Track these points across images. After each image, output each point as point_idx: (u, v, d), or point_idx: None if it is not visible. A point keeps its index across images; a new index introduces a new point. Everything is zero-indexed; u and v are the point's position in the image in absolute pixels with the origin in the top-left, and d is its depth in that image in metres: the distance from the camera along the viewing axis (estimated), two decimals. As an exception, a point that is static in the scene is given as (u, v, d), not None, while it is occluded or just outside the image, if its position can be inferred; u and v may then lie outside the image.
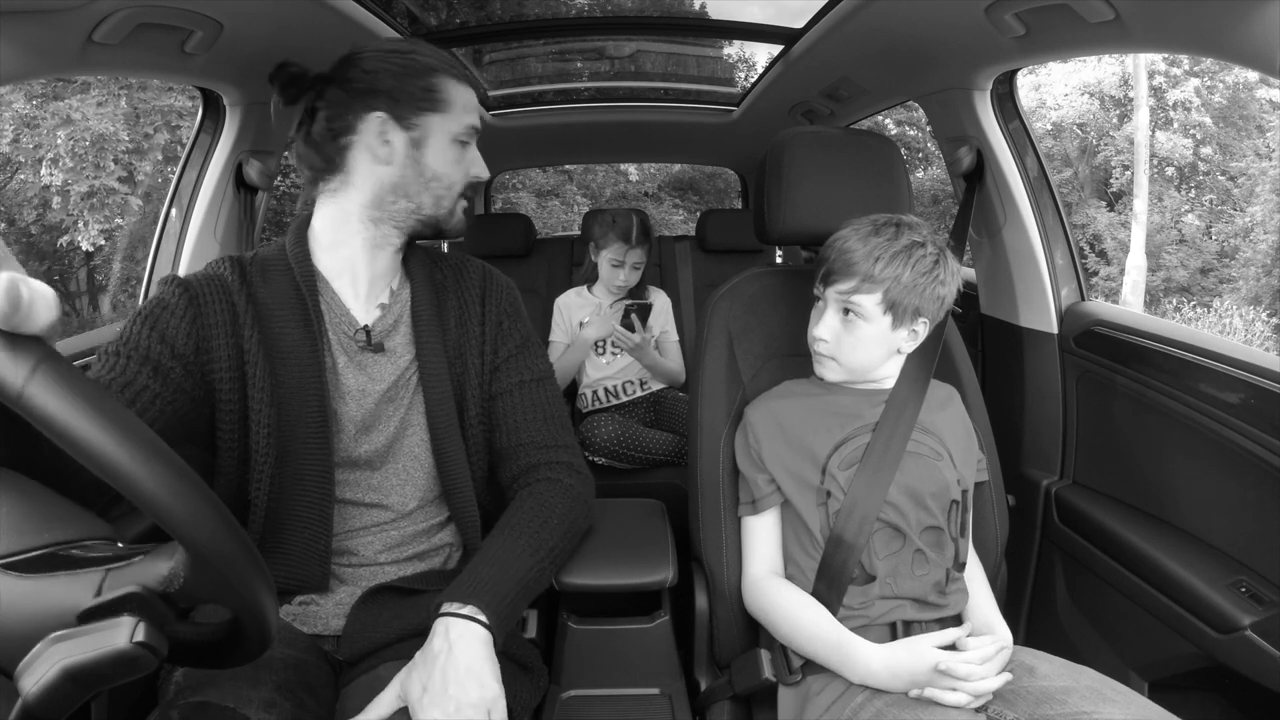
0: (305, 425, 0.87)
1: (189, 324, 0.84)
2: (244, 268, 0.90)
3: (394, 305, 0.94)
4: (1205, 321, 10.21)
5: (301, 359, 0.87)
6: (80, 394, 0.45)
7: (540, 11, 9.71)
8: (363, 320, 0.92)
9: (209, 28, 1.03)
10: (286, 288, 0.89)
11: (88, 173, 7.82)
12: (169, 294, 0.85)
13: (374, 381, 0.91)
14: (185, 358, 0.83)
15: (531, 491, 0.92)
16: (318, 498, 0.89)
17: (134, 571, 0.50)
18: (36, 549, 0.50)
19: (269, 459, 0.86)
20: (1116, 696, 0.77)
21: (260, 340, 0.86)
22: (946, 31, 1.22)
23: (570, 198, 12.19)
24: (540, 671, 0.97)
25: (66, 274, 9.75)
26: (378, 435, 0.92)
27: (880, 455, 0.91)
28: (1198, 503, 1.10)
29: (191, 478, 0.49)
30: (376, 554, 0.93)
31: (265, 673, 0.79)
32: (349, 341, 0.91)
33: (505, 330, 0.98)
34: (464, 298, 0.98)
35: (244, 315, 0.86)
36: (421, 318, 0.93)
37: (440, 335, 0.93)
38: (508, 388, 0.96)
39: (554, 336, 2.07)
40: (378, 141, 0.86)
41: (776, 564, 0.96)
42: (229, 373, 0.85)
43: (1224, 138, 11.67)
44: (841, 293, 0.93)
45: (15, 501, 0.53)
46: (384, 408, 0.92)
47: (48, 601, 0.48)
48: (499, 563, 0.82)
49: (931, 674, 0.80)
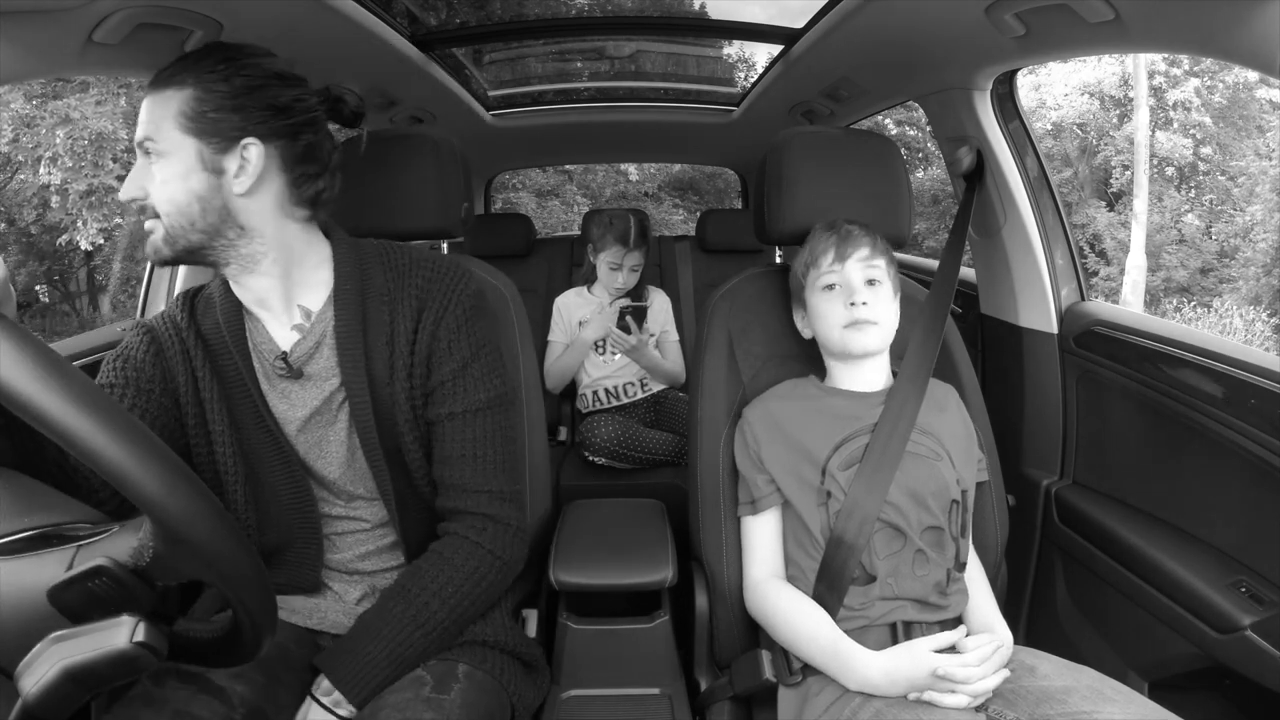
0: (263, 447, 0.89)
1: (153, 358, 0.88)
2: (194, 302, 0.92)
3: (316, 326, 0.88)
4: (1205, 321, 10.20)
5: (238, 387, 0.89)
6: (28, 355, 0.44)
7: (540, 11, 9.70)
8: (285, 345, 0.88)
9: (209, 28, 1.03)
10: (215, 321, 0.90)
11: (87, 171, 7.81)
12: (133, 338, 0.90)
13: (295, 408, 0.88)
14: (158, 383, 0.88)
15: (435, 549, 0.87)
16: (300, 508, 0.90)
17: (102, 546, 0.50)
18: (14, 533, 0.50)
19: (239, 478, 0.88)
20: (1117, 696, 0.77)
21: (211, 370, 0.88)
22: (946, 31, 1.22)
23: (570, 198, 12.18)
24: (543, 670, 0.97)
25: (66, 274, 9.75)
26: (331, 456, 0.90)
27: (880, 455, 0.91)
28: (1198, 503, 1.10)
29: (146, 434, 0.47)
30: (354, 562, 0.93)
31: None
32: (270, 369, 0.88)
33: (442, 350, 0.88)
34: (397, 310, 0.88)
35: (193, 349, 0.89)
36: (343, 339, 0.86)
37: (363, 357, 0.86)
38: (437, 418, 0.88)
39: (553, 336, 2.07)
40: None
41: (777, 566, 0.96)
42: (189, 401, 0.88)
43: (1224, 138, 11.66)
44: (861, 259, 0.97)
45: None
46: (323, 431, 0.89)
47: (20, 580, 0.48)
48: (377, 637, 0.81)
49: (930, 679, 0.80)
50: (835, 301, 0.97)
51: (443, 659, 0.85)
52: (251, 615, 0.53)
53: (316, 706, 0.79)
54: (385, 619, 0.82)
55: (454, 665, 0.84)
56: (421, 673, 0.82)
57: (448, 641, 0.86)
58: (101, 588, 0.47)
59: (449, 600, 0.84)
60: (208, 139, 0.78)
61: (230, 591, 0.52)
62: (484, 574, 0.86)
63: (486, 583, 0.87)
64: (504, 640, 0.91)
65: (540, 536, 1.15)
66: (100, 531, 0.52)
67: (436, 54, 1.68)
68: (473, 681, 0.83)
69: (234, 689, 0.78)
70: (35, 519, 0.52)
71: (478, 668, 0.85)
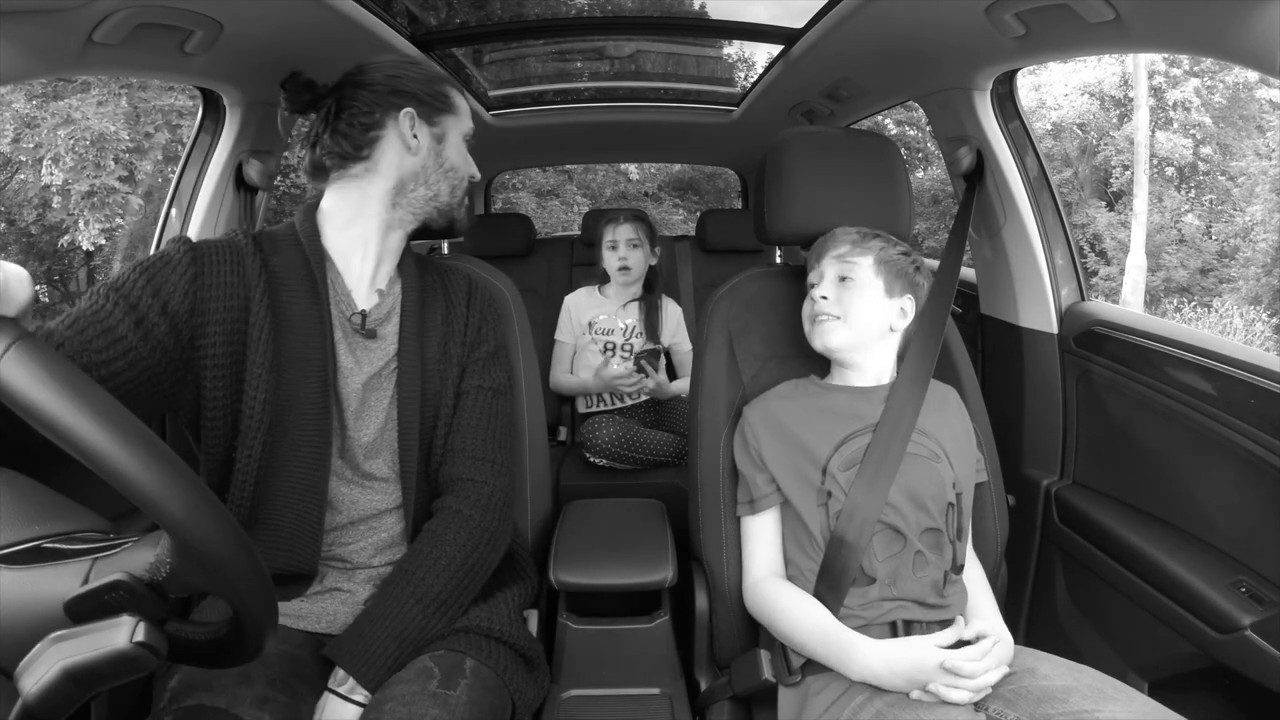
0: (304, 396, 0.87)
1: (188, 283, 0.83)
2: (258, 239, 0.93)
3: (388, 297, 0.97)
4: (1205, 321, 10.20)
5: (307, 328, 0.89)
6: (55, 374, 0.45)
7: (540, 11, 9.70)
8: (361, 304, 0.95)
9: (209, 28, 1.03)
10: (296, 260, 0.92)
11: (88, 172, 7.82)
12: (174, 251, 0.85)
13: (360, 365, 0.93)
14: (176, 316, 0.82)
15: (429, 528, 0.92)
16: (311, 469, 0.87)
17: (119, 559, 0.50)
18: (25, 541, 0.50)
19: (262, 426, 0.85)
20: (1118, 695, 0.77)
21: (269, 306, 0.87)
22: (946, 31, 1.22)
23: (570, 198, 12.18)
24: (543, 668, 0.98)
25: (66, 274, 9.75)
26: (369, 422, 0.93)
27: (880, 456, 0.91)
28: (1198, 503, 1.10)
29: (170, 457, 0.48)
30: (362, 554, 0.93)
31: (257, 669, 0.80)
32: (344, 322, 0.93)
33: (484, 334, 1.02)
34: (451, 298, 1.02)
35: (255, 280, 0.87)
36: (408, 312, 0.97)
37: (420, 333, 0.97)
38: (468, 389, 0.99)
39: (559, 336, 2.06)
40: (409, 134, 0.95)
41: (777, 565, 0.96)
42: (225, 336, 0.84)
43: (1224, 138, 11.67)
44: (838, 256, 1.00)
45: (5, 496, 0.53)
46: (369, 395, 0.94)
47: (36, 591, 0.48)
48: (382, 619, 0.84)
49: (935, 671, 0.80)
50: (810, 299, 1.02)
51: (451, 649, 0.85)
52: (254, 618, 0.54)
53: (334, 699, 0.80)
54: (386, 600, 0.86)
55: (461, 659, 0.84)
56: (430, 664, 0.82)
57: (448, 617, 0.88)
58: (116, 600, 0.48)
59: (443, 574, 0.88)
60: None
61: (238, 601, 0.52)
62: (475, 546, 0.91)
63: (478, 555, 0.92)
64: (509, 634, 0.91)
65: (540, 536, 1.15)
66: (113, 543, 0.52)
67: (436, 54, 1.68)
68: (478, 678, 0.83)
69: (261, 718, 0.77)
70: (44, 527, 0.52)
71: (484, 663, 0.86)
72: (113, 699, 0.74)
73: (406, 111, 0.95)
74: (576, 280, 2.44)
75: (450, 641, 0.86)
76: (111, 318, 0.78)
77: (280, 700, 0.80)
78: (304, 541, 0.87)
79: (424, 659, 0.83)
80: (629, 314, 2.05)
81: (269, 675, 0.81)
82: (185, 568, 0.49)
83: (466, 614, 0.91)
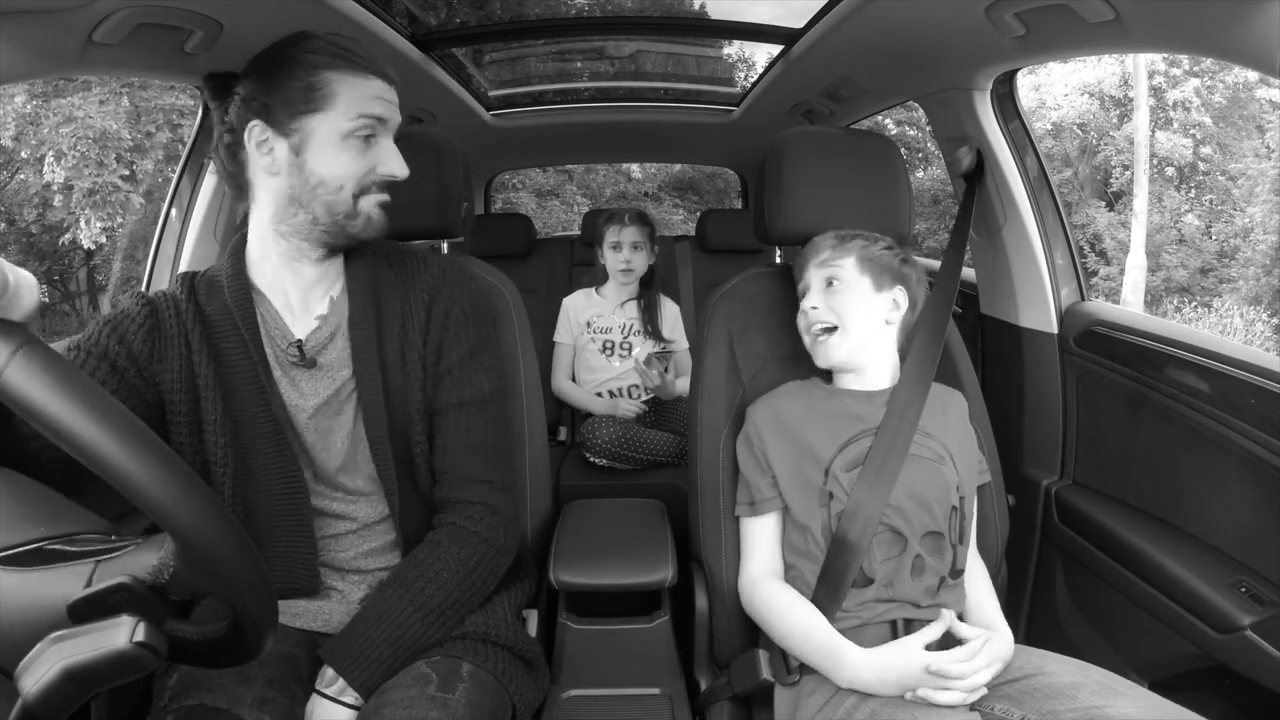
0: (261, 438, 0.88)
1: (146, 333, 0.86)
2: (194, 285, 0.91)
3: (331, 316, 0.90)
4: (1206, 321, 10.20)
5: (244, 373, 0.88)
6: (60, 378, 0.45)
7: (540, 11, 9.70)
8: (299, 333, 0.89)
9: (209, 28, 1.03)
10: (224, 304, 0.89)
11: (90, 170, 7.82)
12: (131, 306, 0.88)
13: (305, 398, 0.89)
14: (139, 363, 0.85)
15: (432, 539, 0.89)
16: (291, 505, 0.89)
17: (123, 562, 0.50)
18: (27, 543, 0.50)
19: (228, 469, 0.86)
20: (1128, 692, 0.77)
21: (209, 355, 0.87)
22: (946, 31, 1.22)
23: (570, 198, 12.18)
24: (543, 669, 0.97)
25: (66, 273, 9.75)
26: (333, 446, 0.91)
27: (883, 458, 0.91)
28: (1198, 503, 1.10)
29: (175, 460, 0.48)
30: (355, 560, 0.93)
31: (256, 669, 0.79)
32: (283, 356, 0.89)
33: (451, 337, 0.92)
34: (409, 301, 0.92)
35: (191, 331, 0.87)
36: (357, 329, 0.89)
37: (376, 347, 0.89)
38: (444, 406, 0.91)
39: (559, 338, 2.06)
40: (260, 152, 0.83)
41: (775, 565, 0.96)
42: (180, 384, 0.86)
43: (1224, 138, 11.66)
44: (820, 263, 0.99)
45: (7, 497, 0.53)
46: (328, 421, 0.90)
47: (39, 594, 0.48)
48: (377, 622, 0.83)
49: (922, 675, 0.80)
50: (802, 312, 1.00)
51: (447, 655, 0.85)
52: (255, 619, 0.54)
53: (322, 702, 0.79)
54: (383, 605, 0.84)
55: (458, 663, 0.84)
56: (426, 669, 0.81)
57: (446, 628, 0.86)
58: (118, 602, 0.48)
59: (444, 585, 0.86)
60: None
61: (239, 602, 0.52)
62: (479, 561, 0.89)
63: (482, 569, 0.89)
64: (507, 637, 0.91)
65: (540, 536, 1.15)
66: (116, 545, 0.52)
67: (436, 54, 1.68)
68: (476, 681, 0.83)
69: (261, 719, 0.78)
70: (45, 529, 0.52)
71: (481, 666, 0.85)
72: (113, 699, 0.74)
73: (252, 126, 0.82)
74: (576, 280, 2.44)
75: (447, 648, 0.86)
76: (87, 367, 0.82)
77: (280, 701, 0.80)
78: (300, 564, 0.89)
79: (420, 665, 0.82)
80: (627, 312, 2.06)
81: (267, 676, 0.81)
82: (188, 570, 0.50)
83: (463, 620, 0.90)
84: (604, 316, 2.05)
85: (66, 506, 0.56)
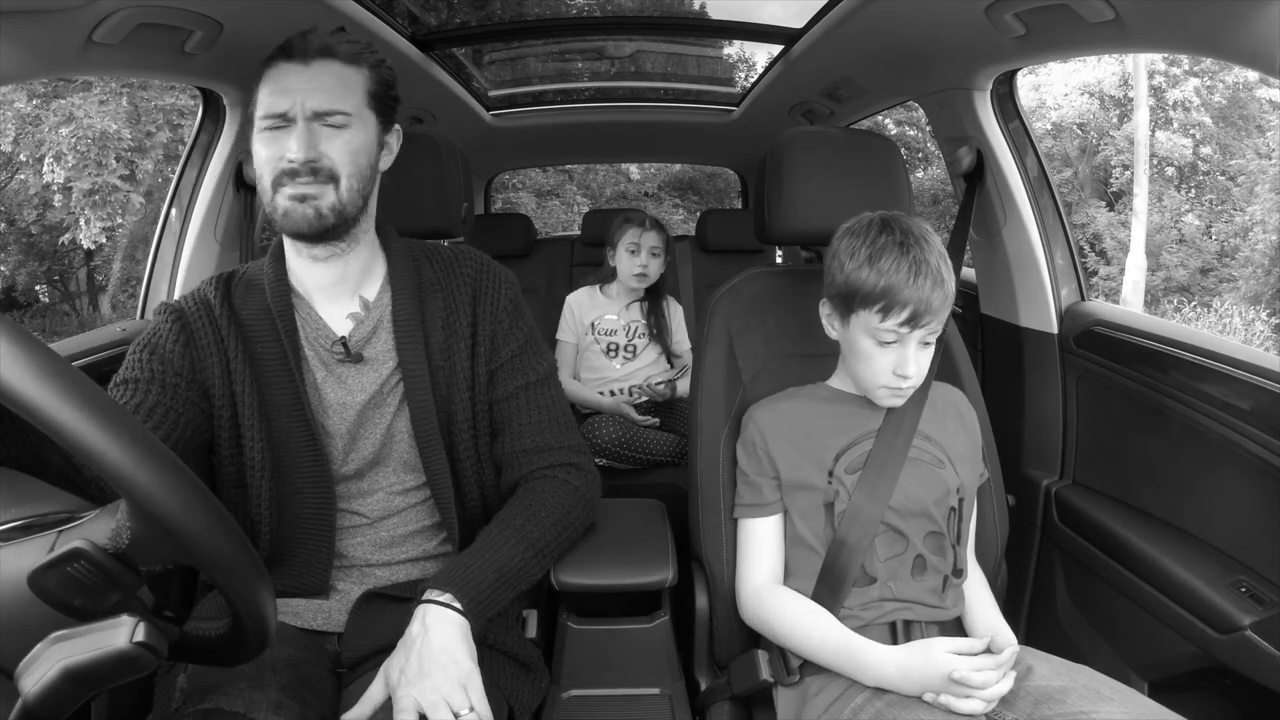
0: (295, 440, 0.88)
1: (183, 346, 0.87)
2: (229, 287, 0.92)
3: (372, 312, 0.92)
4: (1205, 321, 10.19)
5: (280, 375, 0.88)
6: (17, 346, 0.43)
7: (540, 11, 9.70)
8: (340, 331, 0.91)
9: (209, 28, 1.03)
10: (262, 305, 0.90)
11: (90, 170, 7.83)
12: (162, 322, 0.89)
13: (353, 394, 0.91)
14: (186, 376, 0.86)
15: (528, 487, 0.93)
16: (319, 509, 0.90)
17: (82, 529, 0.49)
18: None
19: (265, 473, 0.87)
20: (1115, 695, 0.77)
21: (245, 358, 0.87)
22: (946, 31, 1.22)
23: (570, 198, 12.18)
24: (541, 671, 0.97)
25: (66, 274, 9.74)
26: (364, 445, 0.92)
27: (883, 461, 0.91)
28: (1198, 503, 1.10)
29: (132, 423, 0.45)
30: (366, 555, 0.93)
31: (269, 673, 0.79)
32: (328, 355, 0.90)
33: (505, 330, 0.96)
34: (452, 299, 0.95)
35: (227, 335, 0.88)
36: (402, 323, 0.91)
37: (422, 340, 0.91)
38: (511, 392, 0.95)
39: (561, 336, 2.06)
40: (249, 159, 0.89)
41: (776, 571, 0.96)
42: (220, 390, 0.87)
43: (1224, 137, 11.66)
44: (930, 330, 0.88)
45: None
46: (368, 416, 0.91)
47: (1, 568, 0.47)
48: (481, 552, 0.84)
49: (945, 682, 0.79)
50: (886, 357, 0.89)
51: None
52: (247, 606, 0.52)
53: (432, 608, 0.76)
54: (486, 542, 0.86)
55: None
56: None
57: (543, 565, 0.89)
58: (81, 572, 0.45)
59: (544, 523, 0.89)
60: (383, 118, 0.89)
61: (219, 579, 0.50)
62: (572, 506, 0.93)
63: (575, 514, 0.93)
64: (501, 641, 0.91)
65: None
66: (82, 516, 0.51)
67: (437, 54, 1.69)
68: None
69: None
70: (21, 510, 0.51)
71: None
72: (113, 699, 0.74)
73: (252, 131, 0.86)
74: (576, 280, 2.44)
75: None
76: (139, 394, 0.83)
77: (292, 707, 0.79)
78: (316, 567, 0.90)
79: None
80: (632, 313, 2.05)
81: (280, 680, 0.80)
82: (145, 532, 0.47)
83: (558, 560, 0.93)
84: (609, 318, 2.05)
85: (43, 488, 0.55)
